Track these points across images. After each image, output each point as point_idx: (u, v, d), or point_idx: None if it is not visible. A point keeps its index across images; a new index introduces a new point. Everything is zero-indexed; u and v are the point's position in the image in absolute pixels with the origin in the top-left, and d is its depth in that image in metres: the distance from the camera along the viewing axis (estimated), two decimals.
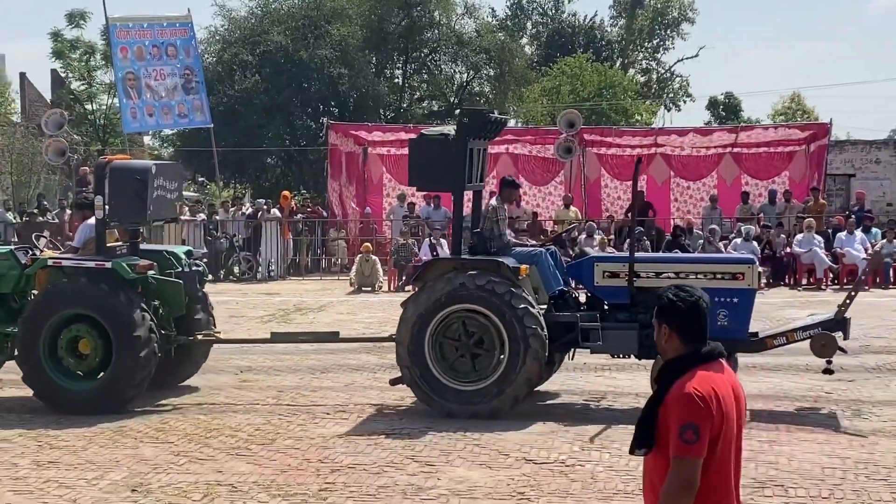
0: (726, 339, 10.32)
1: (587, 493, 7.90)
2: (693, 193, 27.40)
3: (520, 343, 10.24)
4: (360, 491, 8.00)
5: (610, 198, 27.87)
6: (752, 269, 10.68)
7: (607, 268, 10.86)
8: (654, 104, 56.97)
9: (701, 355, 4.16)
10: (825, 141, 26.23)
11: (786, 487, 7.93)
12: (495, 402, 10.31)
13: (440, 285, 10.49)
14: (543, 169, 28.05)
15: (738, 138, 27.27)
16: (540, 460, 8.79)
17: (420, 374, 10.45)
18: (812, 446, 9.11)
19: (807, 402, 10.91)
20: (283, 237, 25.28)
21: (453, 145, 10.70)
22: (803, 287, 21.80)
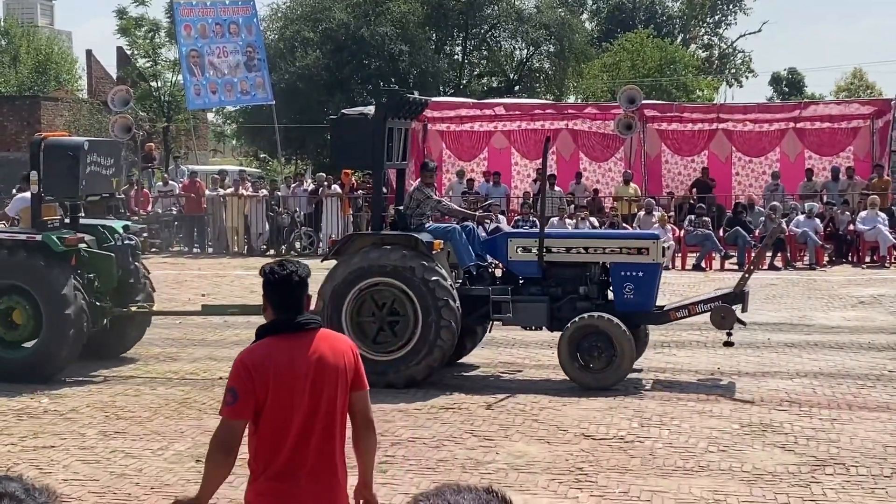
0: (632, 312, 10.71)
1: (646, 469, 7.86)
2: (755, 169, 27.03)
3: (432, 315, 10.51)
4: (419, 464, 8.04)
5: (671, 174, 27.59)
6: (657, 244, 11.10)
7: (520, 243, 11.24)
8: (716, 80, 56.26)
9: (275, 324, 4.28)
10: (889, 117, 25.70)
11: (847, 466, 7.83)
12: (409, 372, 10.59)
13: (357, 259, 10.78)
14: (603, 145, 27.83)
15: (802, 114, 26.84)
16: (599, 436, 8.76)
17: None
18: (875, 424, 8.98)
19: (869, 380, 10.74)
20: (344, 213, 25.39)
21: (372, 125, 10.98)
22: (867, 265, 21.44)
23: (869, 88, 56.02)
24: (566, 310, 10.93)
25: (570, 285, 11.10)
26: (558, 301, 11.03)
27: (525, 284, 11.26)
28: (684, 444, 8.47)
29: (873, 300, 16.31)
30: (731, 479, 7.60)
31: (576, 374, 10.55)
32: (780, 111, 27.94)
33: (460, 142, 28.36)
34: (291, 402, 4.21)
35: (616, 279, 11.00)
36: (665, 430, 8.94)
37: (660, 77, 47.19)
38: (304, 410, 4.22)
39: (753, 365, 11.58)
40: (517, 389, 10.54)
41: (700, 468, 7.86)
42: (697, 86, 50.43)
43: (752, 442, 8.52)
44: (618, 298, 11.00)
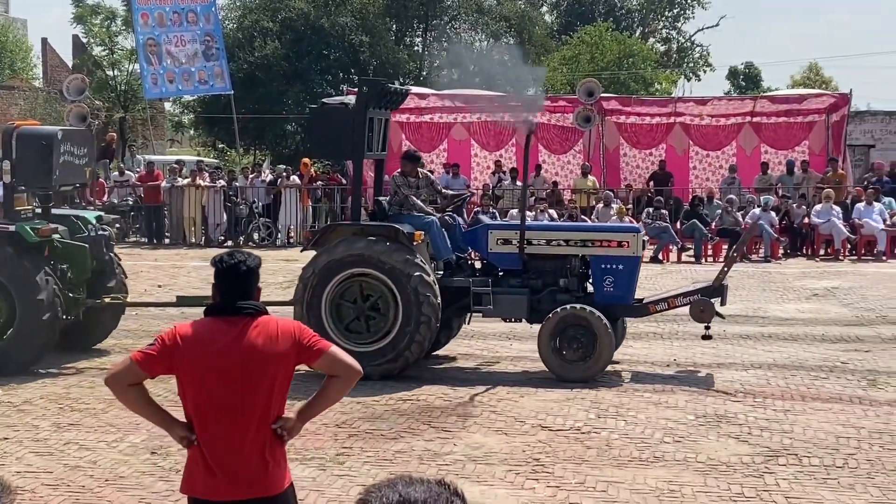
0: (612, 304, 10.74)
1: (602, 459, 7.91)
2: (712, 163, 27.24)
3: (412, 307, 10.46)
4: (376, 456, 8.04)
5: (629, 167, 27.74)
6: (637, 237, 11.12)
7: (501, 235, 11.21)
8: (674, 74, 56.60)
9: (215, 306, 4.39)
10: (845, 111, 25.99)
11: (800, 456, 7.92)
12: (387, 365, 10.55)
13: (338, 249, 10.71)
14: (562, 138, 27.92)
15: (758, 107, 27.09)
16: (556, 427, 8.81)
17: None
18: (827, 415, 9.09)
19: (822, 371, 10.88)
20: (303, 204, 25.30)
21: (353, 114, 10.89)
22: (821, 258, 21.70)
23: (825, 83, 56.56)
24: (546, 302, 10.92)
25: (550, 277, 11.10)
26: (538, 293, 11.03)
27: (505, 276, 11.23)
28: (640, 435, 8.53)
29: (827, 293, 16.51)
30: (686, 469, 7.67)
31: (556, 366, 10.55)
32: (738, 103, 28.17)
33: (420, 133, 28.33)
34: (211, 381, 4.26)
35: (596, 272, 11.02)
36: (621, 421, 8.99)
37: (618, 70, 47.41)
38: (227, 392, 4.26)
39: (709, 356, 11.68)
40: (476, 381, 10.56)
41: (655, 459, 7.92)
42: (656, 79, 50.72)
43: (706, 433, 8.60)
44: (597, 291, 11.01)
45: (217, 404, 4.28)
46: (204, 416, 4.31)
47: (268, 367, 4.30)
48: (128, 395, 4.44)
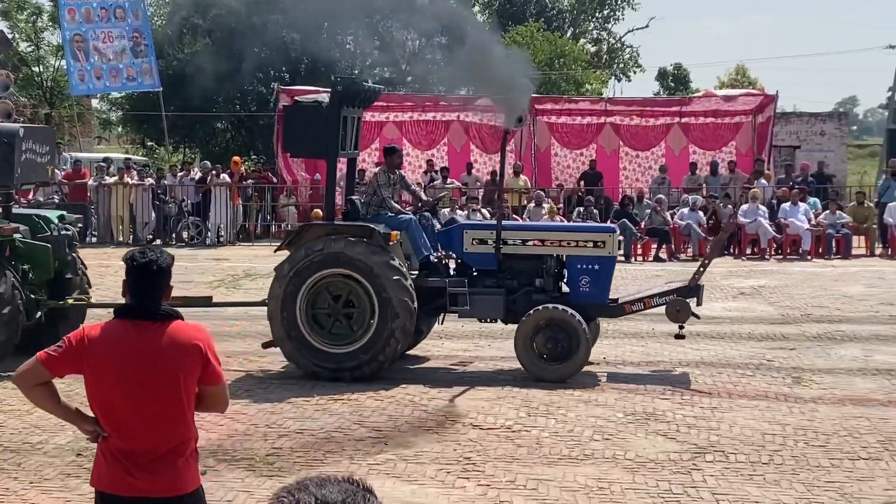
0: (588, 304, 10.76)
1: (532, 458, 7.95)
2: (641, 163, 27.54)
3: (390, 309, 10.40)
4: (306, 456, 7.99)
5: (560, 166, 27.94)
6: (613, 237, 11.15)
7: (476, 235, 11.17)
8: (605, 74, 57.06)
9: (125, 308, 4.41)
10: (771, 112, 26.43)
11: (726, 453, 8.03)
12: (363, 366, 10.48)
13: (313, 249, 10.62)
14: (494, 137, 27.98)
15: (686, 109, 27.44)
16: (486, 426, 8.83)
17: (291, 335, 10.55)
18: (753, 412, 9.23)
19: (749, 369, 11.05)
20: (233, 202, 25.08)
21: (327, 113, 10.82)
22: (747, 257, 22.04)
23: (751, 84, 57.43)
24: (522, 302, 10.89)
25: (525, 278, 11.07)
26: (514, 293, 10.99)
27: (480, 277, 11.17)
28: (570, 433, 8.59)
29: (753, 291, 16.78)
30: (615, 466, 7.74)
31: (532, 366, 10.53)
32: (667, 104, 28.50)
33: None
34: (119, 384, 4.26)
35: (572, 272, 11.01)
36: (551, 419, 9.05)
37: (550, 70, 47.68)
38: (134, 395, 4.26)
39: (638, 354, 11.80)
40: (408, 380, 10.55)
41: (585, 456, 7.98)
42: (587, 80, 51.08)
43: (635, 430, 8.69)
44: (573, 291, 11.00)
45: (124, 406, 4.28)
46: (111, 416, 4.31)
47: (175, 374, 4.31)
48: (34, 394, 4.43)
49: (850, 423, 8.86)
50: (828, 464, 7.77)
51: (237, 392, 10.01)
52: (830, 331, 13.22)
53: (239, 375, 10.79)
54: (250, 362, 11.48)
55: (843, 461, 7.83)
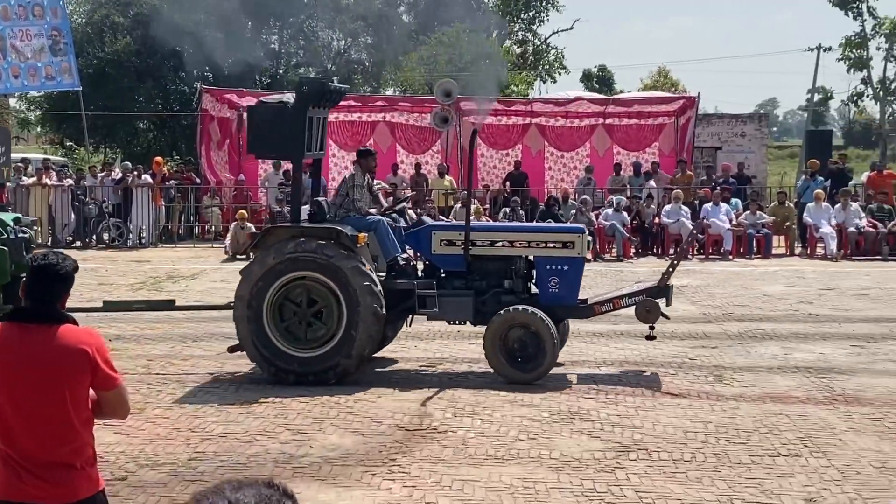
0: (557, 306, 10.75)
1: (458, 458, 7.96)
2: (567, 163, 27.77)
3: (358, 311, 10.32)
4: (230, 460, 7.91)
5: (486, 167, 28.05)
6: (582, 237, 11.09)
7: (444, 236, 11.10)
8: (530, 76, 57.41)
9: (15, 311, 4.42)
10: (693, 113, 26.83)
11: (650, 451, 8.13)
12: (331, 370, 10.40)
13: (279, 252, 10.50)
14: (420, 138, 28.06)
15: (609, 109, 27.73)
16: (412, 427, 8.82)
17: (258, 340, 10.45)
18: (676, 411, 9.35)
19: (672, 367, 11.19)
20: (155, 203, 24.74)
21: (292, 113, 10.72)
22: (670, 256, 22.29)
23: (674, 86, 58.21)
24: (491, 304, 10.84)
25: (494, 279, 11.01)
26: (482, 295, 10.93)
27: (448, 278, 11.10)
28: (496, 433, 8.61)
29: (676, 291, 16.92)
30: (540, 466, 7.79)
31: (501, 368, 10.49)
32: (591, 105, 28.76)
33: None
34: (7, 388, 4.21)
35: (541, 273, 10.96)
36: (477, 419, 9.07)
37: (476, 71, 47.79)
38: (23, 399, 4.20)
39: (563, 354, 11.84)
40: (333, 382, 10.50)
41: (510, 456, 8.02)
42: (512, 81, 51.35)
43: (560, 429, 8.75)
44: (542, 292, 10.95)
45: (10, 411, 4.22)
46: (3, 420, 4.24)
47: (60, 379, 4.24)
48: None
49: (770, 420, 9.01)
50: (748, 461, 7.90)
51: (158, 396, 9.89)
52: (751, 329, 13.45)
53: (159, 379, 10.65)
54: (172, 365, 11.34)
55: (763, 458, 7.96)
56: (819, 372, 10.91)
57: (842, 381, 10.46)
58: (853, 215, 22.39)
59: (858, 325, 13.72)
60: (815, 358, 11.65)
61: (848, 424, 8.88)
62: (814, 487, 7.28)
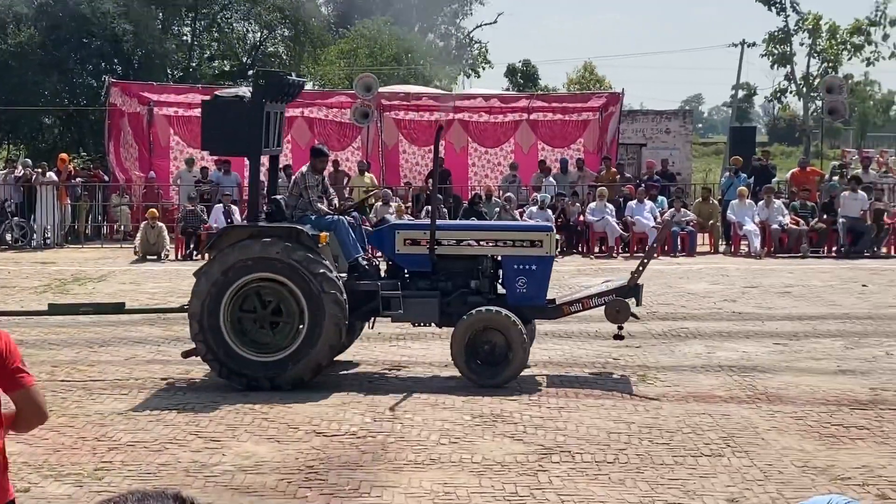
0: (525, 306, 10.72)
1: (377, 464, 7.96)
2: (491, 160, 27.90)
3: (320, 314, 10.22)
4: (139, 469, 7.81)
5: (408, 164, 28.07)
6: (550, 236, 11.04)
7: (409, 235, 11.00)
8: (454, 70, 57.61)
9: None
10: (618, 110, 27.13)
11: (572, 453, 8.20)
12: (294, 374, 10.29)
13: (237, 253, 10.35)
14: (340, 134, 27.95)
15: (534, 106, 27.94)
16: (330, 433, 8.80)
17: (215, 345, 10.32)
18: (599, 412, 9.45)
19: (595, 368, 11.31)
20: (61, 202, 24.30)
21: (249, 108, 10.57)
22: (595, 255, 22.56)
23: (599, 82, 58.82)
24: (457, 304, 10.78)
25: (460, 279, 10.94)
26: (448, 295, 10.86)
27: (412, 279, 11.01)
28: (416, 438, 8.63)
29: None
30: (462, 470, 7.82)
31: (468, 371, 10.43)
32: (515, 100, 28.96)
33: (189, 127, 27.70)
34: None
35: (508, 272, 10.90)
36: (398, 423, 9.07)
37: (397, 66, 47.84)
38: None
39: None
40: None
41: (431, 461, 8.03)
42: (435, 75, 51.47)
43: (482, 433, 8.79)
44: (510, 292, 10.90)
45: None
46: None
47: None
48: None
49: (693, 420, 9.16)
50: (671, 461, 8.02)
51: (63, 403, 9.73)
52: (675, 328, 13.65)
53: (64, 386, 10.47)
54: (78, 371, 11.16)
55: (686, 458, 8.09)
56: (742, 371, 11.12)
57: (764, 380, 10.67)
58: (777, 212, 22.82)
59: (781, 323, 14.01)
60: (739, 356, 11.87)
61: (770, 423, 9.06)
62: (736, 488, 7.42)
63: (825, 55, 47.31)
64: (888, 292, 16.89)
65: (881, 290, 17.13)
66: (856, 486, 7.44)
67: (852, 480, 7.57)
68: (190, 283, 10.75)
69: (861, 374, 10.96)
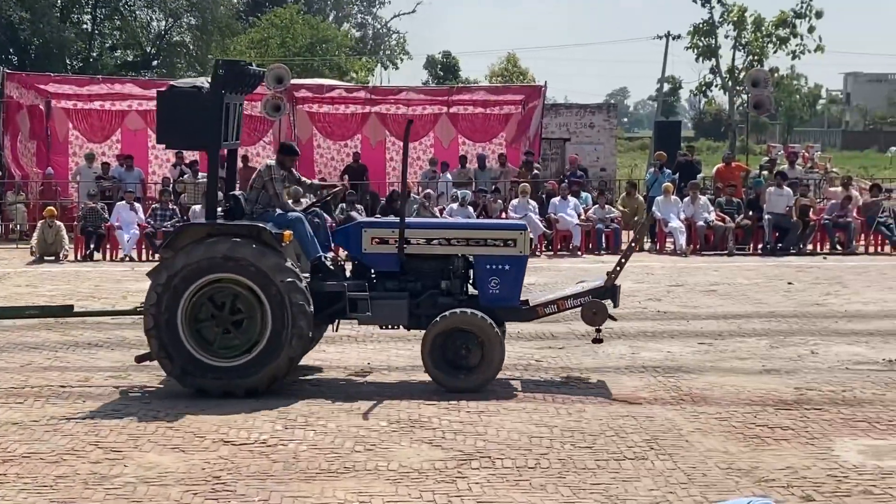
0: (498, 307, 10.70)
1: (288, 473, 7.91)
2: (410, 154, 27.83)
3: (284, 317, 10.14)
4: (35, 482, 7.66)
5: (323, 159, 27.99)
6: (524, 235, 11.05)
7: (376, 234, 10.94)
8: (371, 61, 57.49)
9: None
10: (540, 103, 27.29)
11: (493, 459, 8.23)
12: (254, 380, 10.19)
13: (196, 252, 10.23)
14: (250, 128, 27.65)
15: (454, 98, 27.99)
16: (239, 441, 8.72)
17: (172, 349, 10.19)
18: (521, 415, 9.50)
19: (518, 370, 11.36)
20: None
21: (208, 99, 10.48)
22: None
23: (522, 75, 59.23)
24: (426, 306, 10.70)
25: (430, 280, 10.86)
26: (417, 297, 10.77)
27: (379, 279, 10.91)
28: (330, 445, 8.59)
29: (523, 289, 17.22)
30: (377, 478, 7.80)
31: (440, 377, 10.36)
32: (435, 93, 28.99)
33: (89, 121, 27.28)
34: None
35: (480, 272, 10.84)
36: (310, 431, 9.03)
37: (311, 57, 47.62)
38: None
39: (404, 359, 11.93)
40: (152, 395, 10.30)
41: (345, 469, 8.01)
42: (351, 67, 51.32)
43: (399, 439, 8.78)
44: (482, 293, 10.83)
45: None
46: None
47: None
48: None
49: (616, 422, 9.25)
50: (594, 465, 8.09)
51: None
52: None
53: None
54: None
55: (609, 462, 8.17)
56: (666, 371, 11.27)
57: (689, 381, 10.82)
58: (702, 209, 23.16)
59: (706, 322, 14.23)
60: (663, 357, 12.03)
61: (695, 425, 9.19)
62: (659, 491, 7.51)
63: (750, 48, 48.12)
64: (814, 290, 17.26)
65: (806, 287, 17.49)
66: (780, 489, 7.58)
67: (777, 482, 7.71)
68: (91, 285, 10.58)
69: (786, 374, 11.17)
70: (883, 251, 22.95)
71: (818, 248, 23.05)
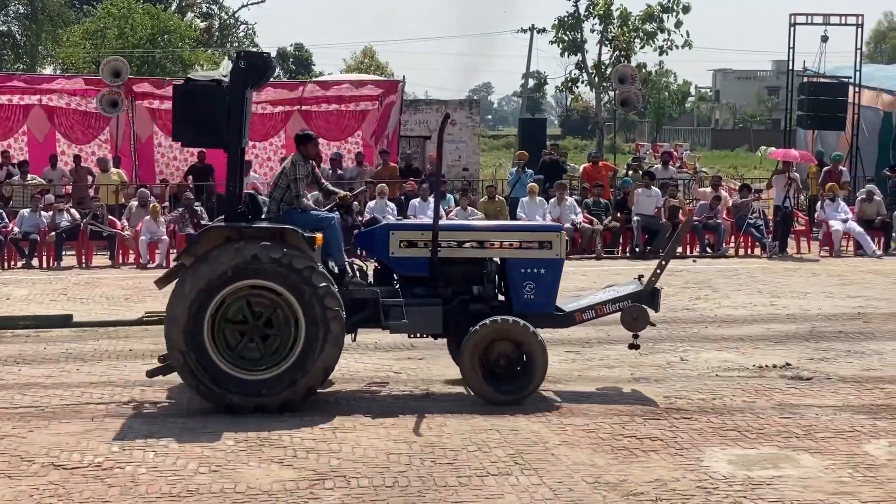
0: (533, 314, 10.61)
1: (125, 498, 7.75)
2: (259, 154, 27.63)
3: (319, 326, 9.97)
4: None
5: (165, 158, 27.58)
6: (560, 236, 11.03)
7: (404, 237, 10.85)
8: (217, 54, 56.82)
9: None
10: (398, 99, 27.28)
11: (348, 478, 8.20)
12: (286, 394, 10.01)
13: (225, 257, 9.99)
14: (84, 125, 27.14)
15: (307, 93, 27.81)
16: (71, 465, 8.51)
17: (197, 360, 9.94)
18: (378, 431, 9.48)
19: (375, 383, 11.34)
20: None
21: (228, 94, 10.28)
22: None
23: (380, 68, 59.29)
24: (457, 313, 10.55)
25: (461, 285, 10.71)
26: (448, 303, 10.59)
27: (404, 285, 10.72)
28: (171, 467, 8.44)
29: None
30: (223, 501, 7.70)
31: (482, 389, 10.23)
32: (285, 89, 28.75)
33: None
34: None
35: (514, 277, 10.70)
36: (150, 452, 8.86)
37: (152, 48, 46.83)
38: None
39: None
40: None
41: (188, 493, 7.88)
42: (196, 59, 50.65)
43: (247, 459, 8.68)
44: (517, 299, 10.68)
45: None
46: None
47: None
48: None
49: (479, 436, 9.30)
50: (455, 483, 8.12)
51: None
52: None
53: None
54: None
55: (471, 479, 8.21)
56: None
57: (555, 391, 10.94)
58: (569, 210, 23.43)
59: (573, 330, 14.34)
60: None
61: (561, 437, 9.30)
62: None
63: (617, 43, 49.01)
64: (683, 294, 17.66)
65: (676, 291, 17.86)
66: (648, 502, 7.72)
67: (645, 496, 7.85)
68: None
69: (655, 382, 11.40)
70: (753, 253, 23.60)
71: (688, 250, 23.53)
